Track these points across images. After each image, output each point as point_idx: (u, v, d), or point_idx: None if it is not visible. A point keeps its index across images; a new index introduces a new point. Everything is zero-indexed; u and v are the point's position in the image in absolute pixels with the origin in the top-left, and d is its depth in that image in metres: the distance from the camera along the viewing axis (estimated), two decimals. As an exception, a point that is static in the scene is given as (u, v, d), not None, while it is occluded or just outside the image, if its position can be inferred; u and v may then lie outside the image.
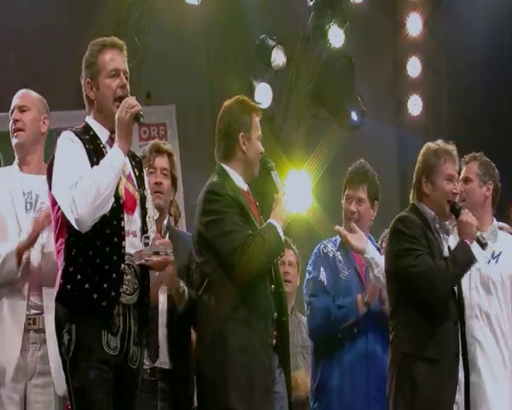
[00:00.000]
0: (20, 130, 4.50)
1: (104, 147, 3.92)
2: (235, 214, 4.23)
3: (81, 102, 4.35)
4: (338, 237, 5.19)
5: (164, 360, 4.45)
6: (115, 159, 3.81)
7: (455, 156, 4.75)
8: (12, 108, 4.59)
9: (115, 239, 3.81)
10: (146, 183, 4.13)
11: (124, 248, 3.83)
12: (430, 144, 4.78)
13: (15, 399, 4.26)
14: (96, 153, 3.88)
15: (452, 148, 4.76)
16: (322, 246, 5.17)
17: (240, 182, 4.38)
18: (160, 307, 4.48)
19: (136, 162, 4.11)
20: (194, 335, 4.60)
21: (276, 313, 4.26)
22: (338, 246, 5.15)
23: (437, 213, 4.68)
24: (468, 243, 4.51)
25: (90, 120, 4.00)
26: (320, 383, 5.03)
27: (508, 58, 10.41)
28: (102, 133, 3.96)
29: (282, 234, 4.24)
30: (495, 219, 5.09)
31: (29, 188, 4.44)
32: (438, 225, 4.67)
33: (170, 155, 4.71)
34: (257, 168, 4.42)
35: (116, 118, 3.85)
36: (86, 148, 3.87)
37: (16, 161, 4.57)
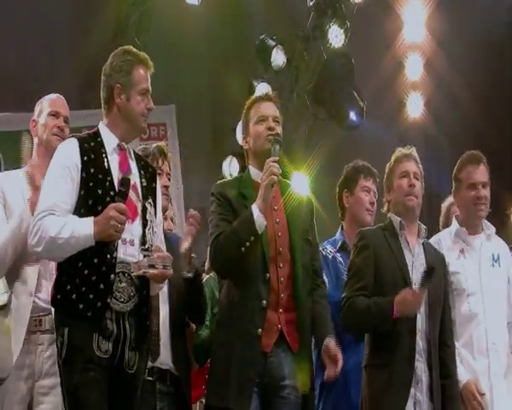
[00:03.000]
0: (62, 138, 4.43)
1: (106, 156, 3.94)
2: (223, 211, 4.29)
3: (81, 103, 4.37)
4: (337, 237, 5.17)
5: (164, 361, 4.46)
6: (82, 231, 3.79)
7: (409, 156, 4.70)
8: (58, 111, 4.53)
9: (105, 249, 3.82)
10: (158, 194, 4.15)
11: (115, 258, 3.83)
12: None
13: (21, 400, 4.25)
14: (94, 163, 3.89)
15: (409, 150, 4.73)
16: (320, 248, 5.05)
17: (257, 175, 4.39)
18: (161, 307, 4.49)
19: (149, 173, 4.12)
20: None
21: (264, 301, 4.15)
22: (338, 247, 5.12)
23: (401, 215, 4.61)
24: (394, 314, 4.36)
25: (102, 127, 4.04)
26: (326, 383, 5.00)
27: (508, 58, 10.42)
28: (110, 141, 3.99)
29: (256, 215, 4.15)
30: (486, 221, 5.06)
31: None
32: (404, 230, 4.58)
33: (169, 162, 4.78)
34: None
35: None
36: (84, 160, 3.88)
37: (28, 166, 4.48)
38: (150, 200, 4.04)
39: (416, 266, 4.54)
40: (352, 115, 9.62)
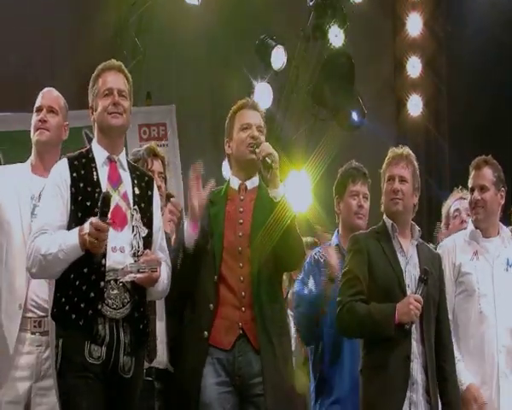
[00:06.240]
0: (45, 130, 4.49)
1: (96, 170, 4.03)
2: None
3: (81, 103, 4.37)
4: (332, 241, 5.14)
5: (160, 360, 4.48)
6: (69, 242, 3.88)
7: (398, 158, 4.63)
8: (39, 105, 4.54)
9: (94, 258, 3.89)
10: (156, 202, 4.19)
11: (104, 266, 3.90)
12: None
13: (18, 401, 4.26)
14: (84, 178, 4.00)
15: (400, 150, 4.68)
16: (314, 253, 5.07)
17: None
18: (157, 307, 4.50)
19: (144, 181, 4.17)
20: None
21: (212, 305, 4.25)
22: None
23: (390, 219, 4.59)
24: (396, 320, 4.38)
25: (94, 144, 4.14)
26: (321, 383, 5.01)
27: (508, 58, 10.42)
28: (100, 155, 4.08)
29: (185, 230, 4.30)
30: (503, 225, 5.04)
31: (38, 191, 4.37)
32: (396, 233, 4.57)
33: (163, 159, 4.79)
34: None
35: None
36: (73, 177, 3.98)
37: (31, 160, 4.53)
38: (137, 207, 4.09)
39: (409, 268, 4.54)
40: (354, 115, 9.63)
